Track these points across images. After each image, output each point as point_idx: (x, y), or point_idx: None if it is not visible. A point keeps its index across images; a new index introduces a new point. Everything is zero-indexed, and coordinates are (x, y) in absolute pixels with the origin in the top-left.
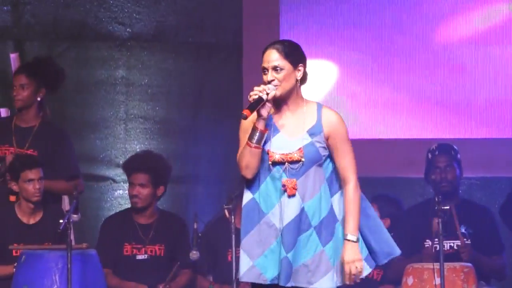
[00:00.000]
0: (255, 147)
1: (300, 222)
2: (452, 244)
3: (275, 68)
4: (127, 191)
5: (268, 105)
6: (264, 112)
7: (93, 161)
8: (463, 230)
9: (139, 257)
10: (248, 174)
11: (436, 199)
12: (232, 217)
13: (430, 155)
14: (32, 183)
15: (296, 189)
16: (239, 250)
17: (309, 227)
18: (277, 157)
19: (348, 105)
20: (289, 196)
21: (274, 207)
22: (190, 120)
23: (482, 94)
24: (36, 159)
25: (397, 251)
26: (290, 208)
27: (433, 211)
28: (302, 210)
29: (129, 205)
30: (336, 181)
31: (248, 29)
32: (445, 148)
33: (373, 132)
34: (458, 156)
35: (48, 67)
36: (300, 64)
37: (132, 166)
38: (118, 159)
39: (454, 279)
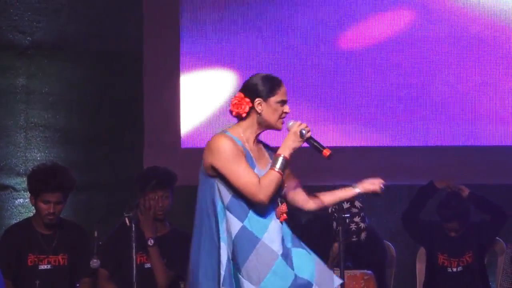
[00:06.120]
0: (281, 174)
1: (293, 240)
2: None
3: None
4: (28, 200)
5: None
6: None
7: None
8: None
9: (42, 267)
10: (269, 200)
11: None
12: (133, 225)
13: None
14: None
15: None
16: (142, 254)
17: (294, 242)
18: None
19: None
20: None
21: (267, 230)
22: (91, 128)
23: (382, 102)
24: None
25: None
26: (284, 228)
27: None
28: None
29: (29, 214)
30: None
31: (149, 37)
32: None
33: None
34: None
35: None
36: None
37: (47, 184)
38: (18, 167)
39: (354, 286)
